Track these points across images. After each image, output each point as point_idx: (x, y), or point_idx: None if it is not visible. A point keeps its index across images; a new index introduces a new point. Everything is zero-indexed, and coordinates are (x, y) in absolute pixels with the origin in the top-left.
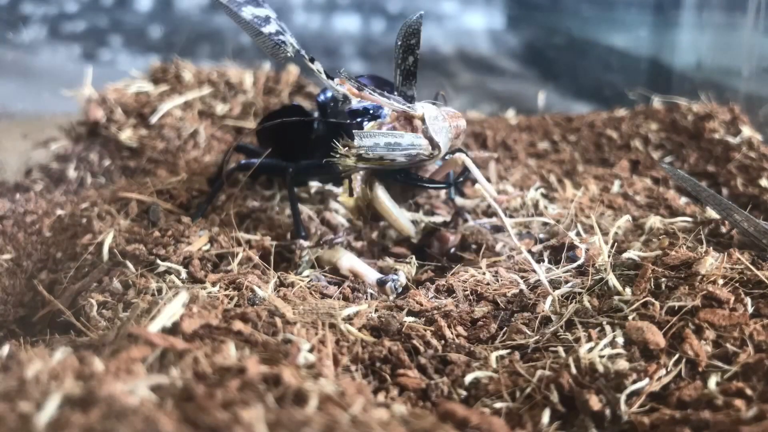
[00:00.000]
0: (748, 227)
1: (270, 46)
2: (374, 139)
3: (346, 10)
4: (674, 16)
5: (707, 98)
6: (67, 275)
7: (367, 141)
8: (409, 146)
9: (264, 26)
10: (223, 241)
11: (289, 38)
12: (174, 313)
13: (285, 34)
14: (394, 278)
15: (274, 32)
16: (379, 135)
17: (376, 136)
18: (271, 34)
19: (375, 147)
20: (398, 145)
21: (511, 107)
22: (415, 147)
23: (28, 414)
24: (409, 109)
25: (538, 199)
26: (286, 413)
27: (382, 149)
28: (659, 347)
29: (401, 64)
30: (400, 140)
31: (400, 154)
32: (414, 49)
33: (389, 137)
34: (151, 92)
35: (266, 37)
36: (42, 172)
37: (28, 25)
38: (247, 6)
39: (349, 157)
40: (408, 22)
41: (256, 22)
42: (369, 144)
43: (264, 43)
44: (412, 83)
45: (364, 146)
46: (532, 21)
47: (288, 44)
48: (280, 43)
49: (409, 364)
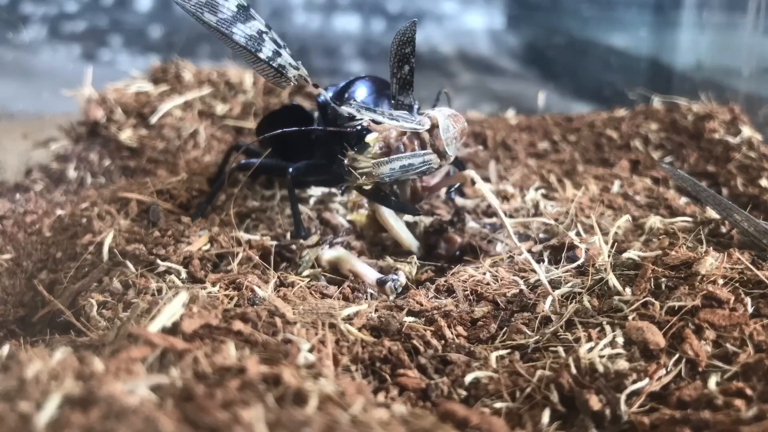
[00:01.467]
0: (748, 227)
1: (271, 76)
2: (390, 165)
3: (346, 10)
4: (674, 16)
5: (707, 98)
6: (67, 275)
7: (384, 169)
8: (421, 164)
9: (260, 49)
10: (223, 241)
11: (287, 57)
12: (174, 313)
13: (282, 51)
14: (393, 278)
15: (271, 54)
16: (395, 160)
17: (391, 162)
18: (269, 59)
19: (392, 173)
20: (412, 166)
21: (511, 107)
22: (426, 164)
23: (28, 414)
24: (419, 126)
25: (538, 199)
26: (286, 413)
27: (398, 173)
28: (659, 347)
29: (397, 74)
30: (413, 161)
31: (414, 173)
32: (409, 57)
33: (404, 160)
34: (151, 92)
35: (265, 64)
36: (42, 172)
37: (28, 25)
38: (236, 25)
39: (365, 184)
40: (401, 30)
41: (251, 45)
42: (386, 171)
43: (264, 71)
44: (409, 92)
45: (382, 174)
46: (532, 21)
47: (287, 67)
48: (280, 69)
49: (409, 364)
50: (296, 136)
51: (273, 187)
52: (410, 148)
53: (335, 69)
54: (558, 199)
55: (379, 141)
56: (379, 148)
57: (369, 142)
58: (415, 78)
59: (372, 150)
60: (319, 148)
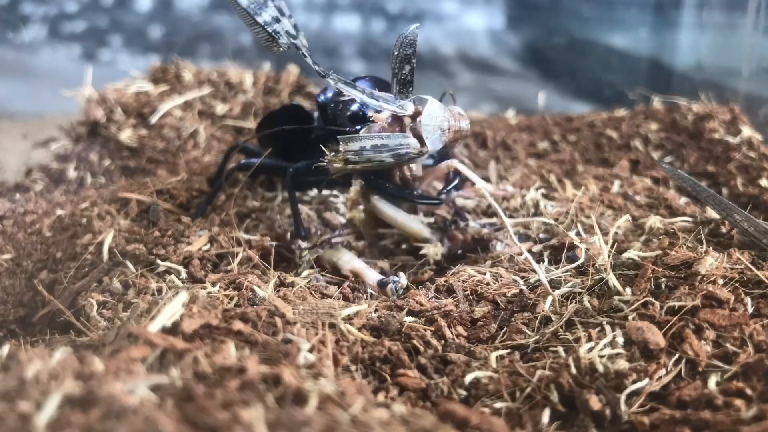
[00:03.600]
0: (748, 227)
1: (264, 39)
2: (360, 142)
3: (346, 10)
4: (674, 16)
5: (707, 98)
6: (67, 275)
7: (352, 145)
8: (397, 146)
9: (260, 13)
10: (223, 241)
11: (287, 25)
12: (174, 313)
13: (283, 19)
14: (395, 279)
15: (269, 20)
16: (365, 138)
17: (361, 140)
18: (266, 23)
19: (361, 151)
20: (385, 147)
21: (511, 107)
22: (402, 146)
23: (28, 414)
24: (399, 108)
25: (538, 199)
26: (286, 413)
27: (368, 152)
28: (659, 347)
29: (398, 73)
30: (386, 141)
31: (388, 155)
32: (410, 58)
33: (375, 139)
34: (151, 92)
35: (260, 28)
36: (42, 172)
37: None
38: None
39: (336, 161)
40: (404, 33)
41: (252, 8)
42: (355, 148)
43: (258, 35)
44: (409, 91)
45: (350, 150)
46: (532, 21)
47: (282, 34)
48: (274, 34)
49: (409, 364)
50: (296, 136)
51: (275, 189)
52: (389, 131)
53: (335, 69)
54: (558, 199)
55: (365, 131)
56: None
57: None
58: (415, 78)
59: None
60: (319, 149)
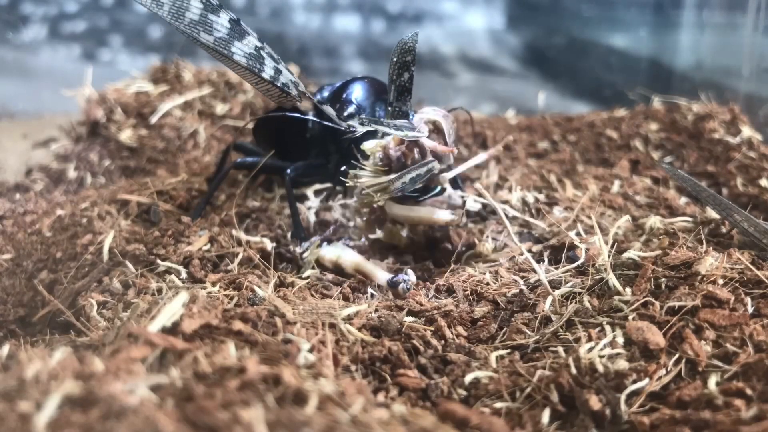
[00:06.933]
0: (748, 227)
1: (275, 95)
2: (401, 179)
3: (346, 10)
4: (674, 16)
5: (707, 98)
6: (67, 275)
7: (397, 184)
8: (427, 173)
9: (262, 69)
10: (223, 241)
11: (287, 74)
12: (174, 313)
13: (281, 68)
14: (405, 278)
15: (273, 73)
16: (405, 174)
17: (403, 176)
18: (273, 79)
19: (404, 187)
20: (419, 176)
21: (511, 107)
22: (431, 171)
23: (28, 414)
24: (420, 134)
25: (538, 198)
26: (286, 413)
27: (409, 186)
28: (659, 347)
29: (396, 80)
30: (420, 171)
31: (421, 182)
32: (409, 65)
33: (413, 172)
34: (151, 92)
35: (269, 84)
36: (42, 172)
37: (28, 25)
38: (234, 44)
39: (380, 201)
40: (404, 40)
41: (252, 65)
42: (399, 186)
43: (268, 92)
44: (407, 99)
45: (397, 189)
46: (532, 21)
47: (290, 85)
48: (285, 88)
49: (409, 364)
50: (292, 136)
51: (273, 190)
52: (409, 156)
53: (335, 69)
54: (558, 199)
55: (378, 150)
56: (379, 159)
57: (366, 151)
58: (415, 78)
59: (373, 161)
60: (314, 148)
